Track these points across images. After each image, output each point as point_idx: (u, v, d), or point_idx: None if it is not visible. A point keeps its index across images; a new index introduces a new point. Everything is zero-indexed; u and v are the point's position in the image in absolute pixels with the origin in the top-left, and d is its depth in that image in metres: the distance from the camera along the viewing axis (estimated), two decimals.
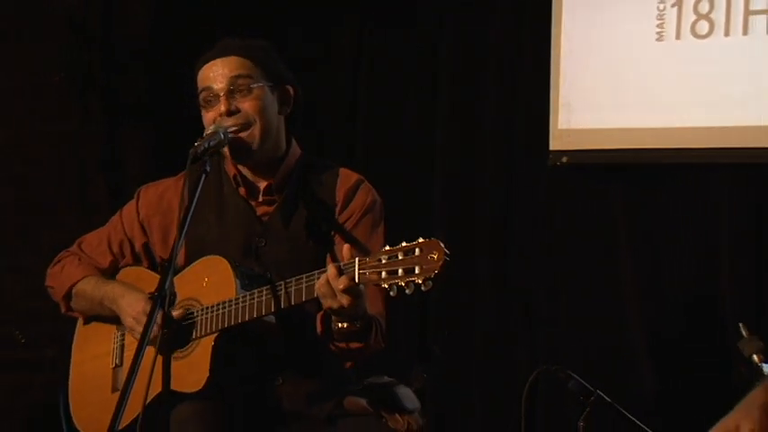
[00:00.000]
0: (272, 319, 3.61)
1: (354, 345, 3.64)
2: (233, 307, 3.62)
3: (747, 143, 4.67)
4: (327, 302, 3.44)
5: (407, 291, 3.30)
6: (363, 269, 3.37)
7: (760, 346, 3.85)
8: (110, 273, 4.05)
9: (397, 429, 3.94)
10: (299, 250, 3.79)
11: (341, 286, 3.38)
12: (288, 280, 3.53)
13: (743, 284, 4.83)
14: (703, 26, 4.90)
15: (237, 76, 3.75)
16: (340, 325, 3.54)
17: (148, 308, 3.64)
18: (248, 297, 3.59)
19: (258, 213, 3.88)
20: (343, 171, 3.94)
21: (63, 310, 4.12)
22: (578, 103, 5.21)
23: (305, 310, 3.66)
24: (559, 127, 5.26)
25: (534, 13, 5.37)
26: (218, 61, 3.77)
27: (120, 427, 3.28)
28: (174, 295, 3.40)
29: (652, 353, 5.07)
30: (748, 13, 4.78)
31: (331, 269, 3.42)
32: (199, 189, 3.50)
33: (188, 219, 3.44)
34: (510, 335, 5.49)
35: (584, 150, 5.23)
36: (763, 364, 3.77)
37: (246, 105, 3.74)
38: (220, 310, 3.64)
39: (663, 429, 3.42)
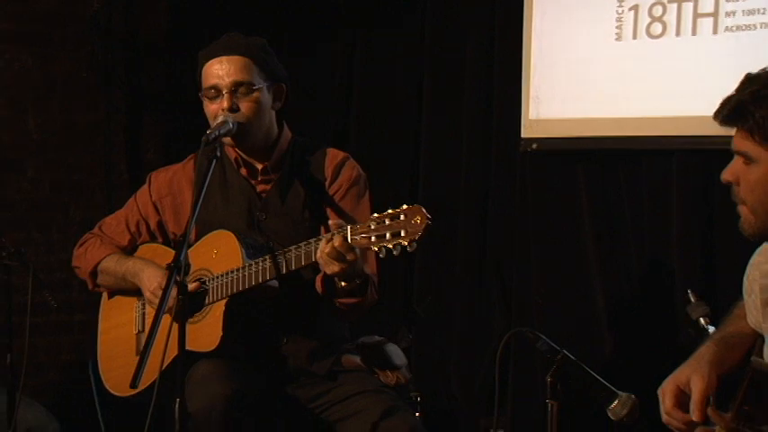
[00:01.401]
0: (275, 283, 3.63)
1: (353, 300, 3.66)
2: (240, 274, 3.64)
3: (696, 131, 4.65)
4: (328, 268, 3.46)
5: (395, 252, 3.33)
6: (355, 235, 3.38)
7: (706, 310, 3.87)
8: (129, 250, 4.09)
9: (387, 383, 3.96)
10: (295, 222, 3.83)
11: (336, 243, 3.40)
12: (287, 248, 3.55)
13: (691, 256, 4.82)
14: (657, 27, 4.89)
15: (241, 81, 3.78)
16: (343, 284, 3.56)
17: (165, 281, 3.67)
18: (253, 265, 3.62)
19: (258, 191, 3.92)
20: (330, 150, 3.99)
21: (90, 287, 4.14)
22: (546, 96, 5.20)
23: (304, 278, 3.68)
24: (530, 117, 5.24)
25: (508, 18, 5.36)
26: (224, 59, 3.80)
27: (142, 386, 3.33)
28: (188, 266, 3.41)
29: (611, 316, 5.08)
30: (697, 16, 4.77)
31: (325, 241, 3.44)
32: (210, 172, 3.53)
33: (201, 198, 3.46)
34: (487, 301, 5.50)
35: (551, 138, 5.21)
36: (709, 326, 3.78)
37: (245, 105, 3.78)
38: (229, 278, 3.67)
39: (620, 383, 3.41)
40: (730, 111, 2.65)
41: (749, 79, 2.67)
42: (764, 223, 2.56)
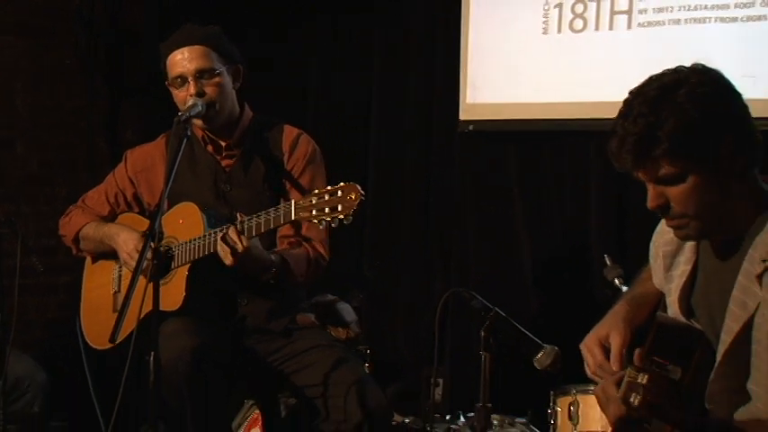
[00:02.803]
0: None
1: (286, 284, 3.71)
2: (201, 242, 3.62)
3: (612, 114, 4.63)
4: (226, 260, 3.51)
5: (333, 224, 3.34)
6: (299, 209, 3.38)
7: (620, 272, 3.90)
8: (109, 219, 4.07)
9: (339, 338, 3.96)
10: (257, 192, 3.82)
11: (239, 246, 3.46)
12: (241, 219, 3.53)
13: (607, 225, 4.87)
14: (579, 23, 4.91)
15: (204, 68, 3.75)
16: (264, 277, 3.61)
17: (140, 245, 3.66)
18: (213, 234, 3.58)
19: (223, 165, 3.90)
20: (286, 127, 3.96)
21: (74, 252, 4.13)
22: (482, 83, 5.21)
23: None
24: (467, 101, 5.26)
25: (448, 14, 5.36)
26: (185, 50, 3.76)
27: (118, 340, 3.34)
28: (162, 233, 3.39)
29: (537, 278, 5.12)
30: (613, 12, 4.80)
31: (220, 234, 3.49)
32: (182, 149, 3.52)
33: (173, 172, 3.44)
34: (429, 264, 5.51)
35: (485, 120, 5.24)
36: (623, 286, 3.81)
37: (210, 89, 3.75)
38: (192, 245, 3.65)
39: (545, 336, 3.44)
40: (636, 152, 2.34)
41: (630, 107, 2.37)
42: (711, 224, 2.41)
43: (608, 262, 3.99)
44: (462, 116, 5.28)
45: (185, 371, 3.47)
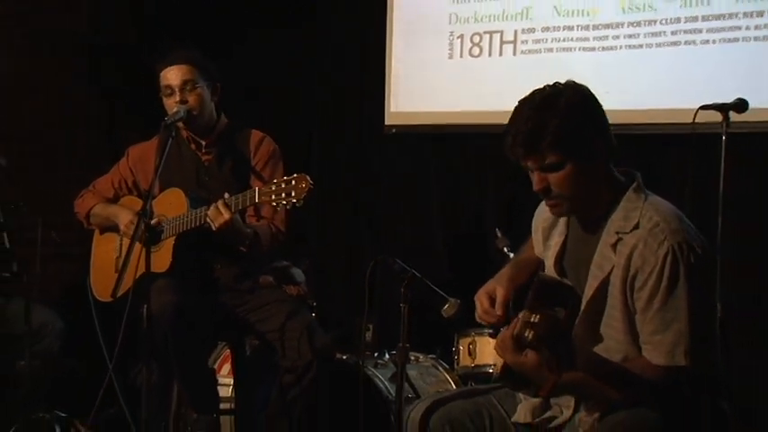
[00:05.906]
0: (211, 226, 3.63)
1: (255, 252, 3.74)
2: (185, 219, 3.65)
3: (504, 121, 4.72)
4: (215, 222, 3.53)
5: (288, 206, 3.39)
6: (261, 194, 3.45)
7: (508, 242, 3.97)
8: (113, 201, 4.10)
9: (292, 294, 4.00)
10: (229, 183, 3.84)
11: (225, 215, 3.49)
12: (229, 197, 3.56)
13: (500, 205, 4.93)
14: (476, 50, 4.96)
15: (187, 81, 3.78)
16: (242, 249, 3.66)
17: (135, 220, 3.68)
18: (195, 212, 3.62)
19: (203, 160, 3.92)
20: (253, 131, 3.99)
21: (85, 225, 4.17)
22: (402, 95, 5.24)
23: None
24: (391, 110, 5.28)
25: (376, 41, 5.34)
26: (174, 68, 3.80)
27: (119, 295, 3.41)
28: (152, 213, 3.42)
29: (447, 247, 5.16)
30: (502, 42, 4.87)
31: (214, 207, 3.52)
32: (168, 148, 3.55)
33: (161, 164, 3.52)
34: (361, 237, 5.54)
35: (406, 125, 5.27)
36: (510, 254, 3.87)
37: (192, 98, 3.79)
38: (178, 221, 3.68)
39: (451, 291, 3.50)
40: (526, 145, 2.40)
41: (520, 112, 2.44)
42: (580, 203, 2.50)
43: (499, 234, 4.05)
44: (387, 121, 5.30)
45: (169, 320, 3.51)
